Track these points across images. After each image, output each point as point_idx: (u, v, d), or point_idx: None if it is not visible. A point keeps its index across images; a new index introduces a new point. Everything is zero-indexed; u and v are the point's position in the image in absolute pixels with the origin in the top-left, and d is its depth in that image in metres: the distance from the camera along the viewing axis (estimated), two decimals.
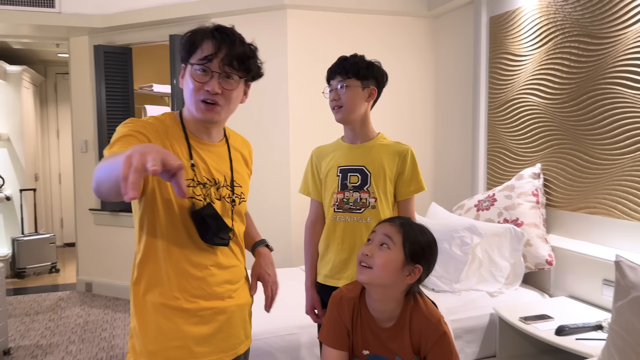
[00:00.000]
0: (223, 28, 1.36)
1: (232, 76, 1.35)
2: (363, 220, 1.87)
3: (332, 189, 1.91)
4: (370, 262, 1.41)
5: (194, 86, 1.33)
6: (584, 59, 2.71)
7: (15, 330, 3.90)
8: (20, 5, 4.18)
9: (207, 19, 4.01)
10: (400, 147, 1.91)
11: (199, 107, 1.35)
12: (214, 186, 1.40)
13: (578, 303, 2.58)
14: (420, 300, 1.48)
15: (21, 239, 5.52)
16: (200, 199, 1.36)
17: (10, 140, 5.79)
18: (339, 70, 1.86)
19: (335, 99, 1.86)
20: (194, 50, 1.34)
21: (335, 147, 1.98)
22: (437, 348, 1.41)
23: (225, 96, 1.35)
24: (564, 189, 2.87)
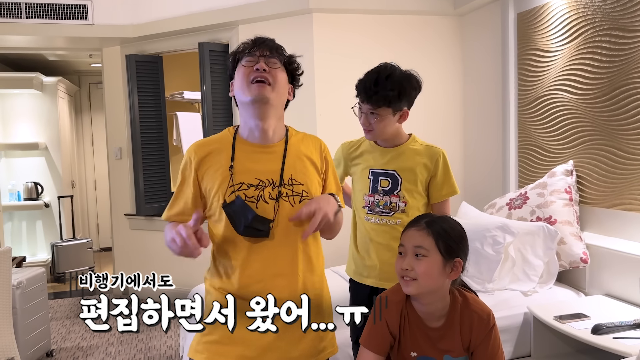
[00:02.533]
0: (256, 37, 1.56)
1: (273, 58, 1.51)
2: (393, 222, 1.91)
3: (363, 190, 1.95)
4: (413, 275, 1.42)
5: (244, 72, 1.49)
6: (616, 53, 2.67)
7: (57, 333, 4.03)
8: (55, 18, 4.32)
9: (234, 26, 4.08)
10: (432, 151, 1.93)
11: (250, 87, 1.47)
12: (269, 186, 1.47)
13: (615, 301, 2.54)
14: (468, 295, 1.50)
15: (60, 245, 5.69)
16: (253, 200, 1.46)
17: (48, 149, 5.99)
18: (369, 100, 1.85)
19: (366, 124, 1.90)
20: (239, 56, 1.53)
21: (367, 147, 2.00)
22: (486, 341, 1.44)
23: (272, 75, 1.49)
24: (598, 186, 2.82)
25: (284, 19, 3.87)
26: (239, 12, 3.97)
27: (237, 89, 1.51)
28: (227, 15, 4.03)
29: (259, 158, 1.51)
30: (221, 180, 1.48)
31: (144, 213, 4.71)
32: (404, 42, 3.94)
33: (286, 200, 1.48)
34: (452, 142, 4.07)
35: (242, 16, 3.97)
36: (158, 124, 4.72)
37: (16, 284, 3.11)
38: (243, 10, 3.95)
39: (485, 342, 1.45)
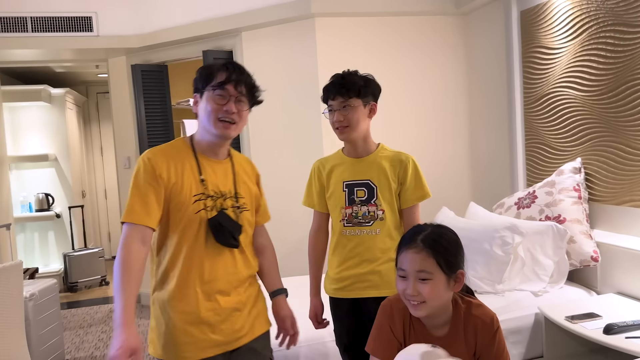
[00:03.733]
0: (233, 62, 1.67)
1: (243, 99, 1.64)
2: (373, 232, 1.92)
3: (339, 204, 1.95)
4: (420, 299, 1.40)
5: (212, 108, 1.60)
6: (621, 48, 2.64)
7: (70, 343, 4.06)
8: (60, 31, 4.37)
9: (238, 33, 4.09)
10: (401, 157, 1.96)
11: (217, 125, 1.61)
12: (221, 198, 1.65)
13: (627, 300, 2.51)
14: (471, 301, 1.50)
15: (72, 254, 5.74)
16: (208, 209, 1.61)
17: (58, 160, 6.04)
18: (339, 91, 1.89)
19: (340, 120, 1.90)
20: (211, 80, 1.61)
21: (338, 161, 2.01)
22: (491, 344, 1.45)
23: (239, 115, 1.63)
24: (607, 183, 2.80)
25: (287, 25, 3.88)
26: (241, 19, 3.99)
27: (203, 116, 1.63)
28: (230, 23, 4.04)
29: (216, 173, 1.66)
30: (187, 191, 1.60)
31: None
32: (408, 44, 3.93)
33: (234, 211, 1.66)
34: (459, 142, 4.05)
35: (245, 23, 3.98)
36: (165, 132, 4.75)
37: (28, 296, 3.14)
38: (246, 18, 3.97)
39: (490, 346, 1.46)
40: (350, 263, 1.94)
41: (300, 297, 2.20)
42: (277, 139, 3.98)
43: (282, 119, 3.90)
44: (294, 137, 3.90)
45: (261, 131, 4.00)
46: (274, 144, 4.01)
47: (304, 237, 2.21)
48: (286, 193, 3.96)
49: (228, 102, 1.60)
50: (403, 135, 3.93)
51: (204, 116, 1.63)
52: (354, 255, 1.93)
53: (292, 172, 3.93)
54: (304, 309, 2.06)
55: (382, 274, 1.90)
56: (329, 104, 1.94)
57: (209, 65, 1.67)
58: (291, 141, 3.91)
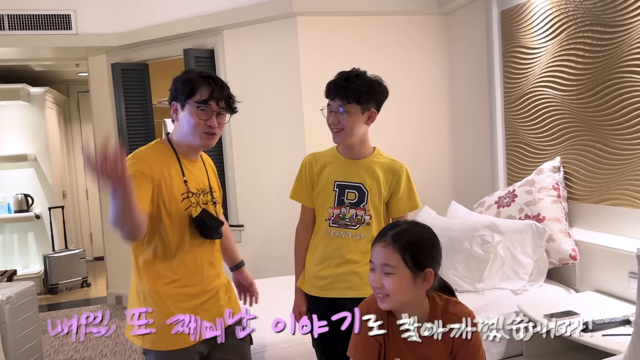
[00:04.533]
0: (213, 76, 1.76)
1: (223, 112, 1.75)
2: (357, 236, 1.90)
3: (327, 203, 1.93)
4: (384, 292, 1.44)
5: (196, 122, 1.71)
6: (598, 48, 2.66)
7: (50, 346, 4.01)
8: (38, 29, 4.30)
9: (219, 31, 4.06)
10: (396, 166, 1.95)
11: (202, 137, 1.73)
12: (202, 194, 1.79)
13: (605, 297, 2.53)
14: (449, 299, 1.52)
15: (52, 256, 5.66)
16: (194, 206, 1.74)
17: (37, 160, 5.95)
18: (338, 94, 1.85)
19: (335, 123, 1.87)
20: (193, 93, 1.70)
21: (331, 159, 1.98)
22: (468, 342, 1.45)
23: (220, 127, 1.76)
24: (585, 182, 2.82)
25: (269, 24, 3.86)
26: (223, 17, 3.96)
27: (186, 127, 1.72)
28: (211, 21, 4.01)
29: (194, 171, 1.79)
30: (173, 190, 1.71)
31: None
32: (390, 43, 3.93)
33: (211, 204, 1.81)
34: (441, 141, 4.07)
35: (226, 21, 3.95)
36: (146, 132, 4.70)
37: (5, 299, 3.08)
38: (227, 16, 3.94)
39: (467, 343, 1.46)
40: (331, 263, 1.92)
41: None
42: (259, 139, 3.96)
43: (264, 118, 3.87)
44: (276, 137, 3.88)
45: (243, 131, 3.97)
46: (256, 143, 3.99)
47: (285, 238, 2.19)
48: (268, 194, 3.94)
49: (211, 118, 1.71)
50: (385, 134, 3.92)
51: (186, 127, 1.73)
52: (335, 256, 1.92)
53: (274, 172, 3.91)
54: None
55: (362, 275, 1.89)
56: (328, 102, 1.91)
57: (190, 79, 1.72)
58: (273, 141, 3.89)
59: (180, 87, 1.73)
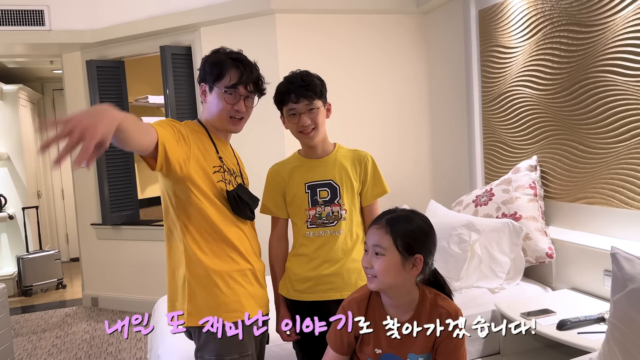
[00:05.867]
0: (242, 57, 1.72)
1: (252, 95, 1.75)
2: (337, 232, 1.89)
3: (302, 206, 1.90)
4: (373, 272, 1.48)
5: (224, 106, 1.70)
6: (574, 47, 2.68)
7: (22, 350, 3.91)
8: (11, 25, 4.19)
9: (197, 28, 4.01)
10: (360, 154, 1.95)
11: (229, 122, 1.74)
12: (234, 175, 1.77)
13: (580, 295, 2.55)
14: (439, 294, 1.56)
15: (26, 257, 5.54)
16: (227, 182, 1.71)
17: (10, 159, 5.82)
18: (303, 94, 1.82)
19: (308, 124, 1.84)
20: (222, 77, 1.68)
21: (296, 163, 1.96)
22: (450, 337, 1.48)
23: (248, 111, 1.76)
24: (562, 180, 2.84)
25: (246, 20, 3.82)
26: (200, 14, 3.91)
27: (214, 110, 1.71)
28: (188, 18, 3.96)
29: (225, 152, 1.79)
30: (207, 161, 1.68)
31: (111, 222, 4.60)
32: (368, 41, 3.92)
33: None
34: (420, 140, 4.07)
35: (203, 18, 3.90)
36: None
37: None
38: (204, 13, 3.89)
39: (449, 338, 1.49)
40: (312, 264, 1.90)
41: None
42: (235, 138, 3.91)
43: None
44: (253, 136, 3.84)
45: None
46: (232, 142, 3.93)
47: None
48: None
49: (239, 102, 1.71)
50: (363, 134, 3.92)
51: (214, 111, 1.72)
52: (316, 257, 1.90)
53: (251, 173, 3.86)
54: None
55: (344, 276, 1.88)
56: (291, 107, 1.85)
57: (218, 62, 1.69)
58: (251, 140, 3.85)
59: (209, 70, 1.70)
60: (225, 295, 1.66)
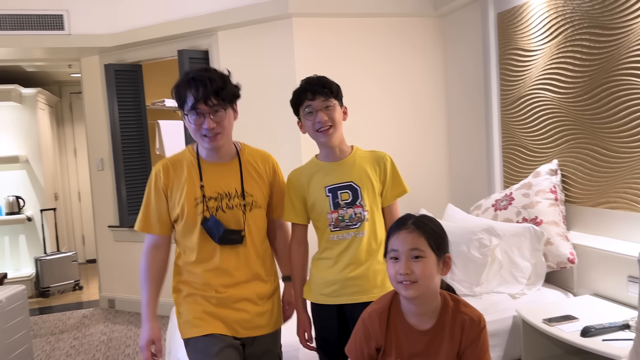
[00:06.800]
0: (197, 74, 1.71)
1: (218, 109, 1.71)
2: (360, 234, 1.88)
3: (324, 210, 1.90)
4: (413, 278, 1.44)
5: (194, 127, 1.72)
6: (596, 51, 2.65)
7: (41, 350, 3.95)
8: (31, 29, 4.24)
9: (214, 32, 4.03)
10: (379, 155, 1.96)
11: (203, 140, 1.74)
12: (226, 198, 1.77)
13: (603, 301, 2.52)
14: (459, 299, 1.53)
15: (44, 259, 5.60)
16: (212, 210, 1.75)
17: (29, 162, 5.89)
18: (320, 91, 1.85)
19: (325, 120, 1.85)
20: (183, 102, 1.71)
21: (315, 168, 1.96)
22: (476, 342, 1.46)
23: (220, 125, 1.72)
24: (583, 185, 2.81)
25: (264, 25, 3.83)
26: (217, 18, 3.93)
27: (191, 133, 1.75)
28: (206, 22, 3.98)
29: (218, 175, 1.79)
30: (187, 195, 1.76)
31: (128, 224, 4.63)
32: (386, 45, 3.91)
33: (240, 209, 1.79)
34: (437, 143, 4.05)
35: (221, 22, 3.92)
36: (139, 134, 4.66)
37: None
38: (222, 17, 3.90)
39: (475, 344, 1.47)
40: (337, 267, 1.89)
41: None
42: (253, 140, 3.91)
43: (259, 119, 3.84)
44: (270, 138, 3.84)
45: (236, 132, 3.93)
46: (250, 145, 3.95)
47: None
48: None
49: (205, 120, 1.69)
50: (381, 137, 3.91)
51: (191, 133, 1.76)
52: (340, 259, 1.89)
53: None
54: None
55: (370, 278, 1.87)
56: (308, 104, 1.87)
57: (177, 86, 1.73)
58: (268, 142, 3.85)
59: (174, 97, 1.74)
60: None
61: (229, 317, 1.77)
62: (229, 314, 1.77)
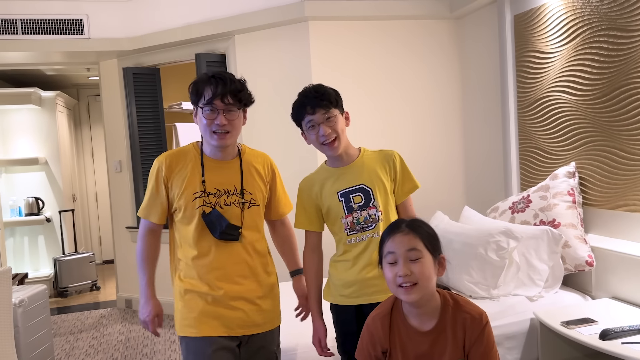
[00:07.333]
0: (219, 74, 1.79)
1: (232, 108, 1.78)
2: (377, 235, 1.89)
3: (338, 215, 1.92)
4: (413, 279, 1.44)
5: (206, 122, 1.78)
6: (614, 53, 2.64)
7: (60, 349, 4.01)
8: (51, 33, 4.32)
9: (231, 36, 4.07)
10: (387, 153, 1.97)
11: (212, 137, 1.79)
12: (224, 195, 1.83)
13: (622, 304, 2.50)
14: (459, 298, 1.54)
15: (62, 259, 5.68)
16: (210, 206, 1.80)
17: (48, 164, 5.98)
18: (319, 104, 1.85)
19: (328, 132, 1.86)
20: (200, 96, 1.77)
21: (325, 174, 1.98)
22: (480, 339, 1.47)
23: (231, 124, 1.79)
24: (601, 187, 2.80)
25: (280, 28, 3.86)
26: (234, 22, 3.97)
27: (201, 128, 1.81)
28: (223, 26, 4.02)
29: (219, 172, 1.84)
30: (187, 188, 1.81)
31: None
32: (401, 48, 3.92)
33: (237, 206, 1.84)
34: (453, 146, 4.05)
35: (238, 26, 3.96)
36: (157, 136, 4.71)
37: (18, 302, 3.09)
38: (239, 21, 3.94)
39: (479, 341, 1.47)
40: (356, 269, 1.92)
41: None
42: (269, 144, 3.96)
43: (275, 123, 3.87)
44: (287, 142, 3.87)
45: (252, 135, 3.97)
46: (266, 149, 3.97)
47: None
48: None
49: (218, 116, 1.76)
50: (397, 139, 3.92)
51: (201, 129, 1.81)
52: (358, 261, 1.91)
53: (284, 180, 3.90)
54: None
55: None
56: (309, 119, 1.88)
57: (196, 82, 1.80)
58: (284, 147, 3.88)
59: (191, 93, 1.81)
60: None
61: (225, 315, 1.80)
62: (225, 313, 1.80)
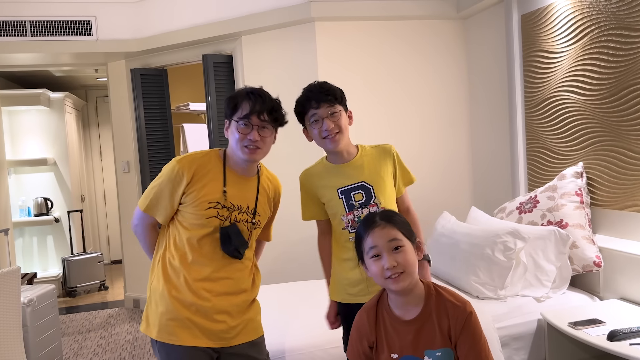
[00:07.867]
0: (258, 91, 1.80)
1: (267, 126, 1.80)
2: None
3: (339, 212, 1.93)
4: (400, 269, 1.47)
5: (239, 136, 1.77)
6: (622, 52, 2.63)
7: (69, 349, 4.04)
8: (60, 35, 4.36)
9: (238, 37, 4.08)
10: (384, 148, 1.99)
11: (244, 151, 1.78)
12: (236, 210, 1.80)
13: (630, 305, 2.49)
14: (444, 288, 1.57)
15: (71, 259, 5.72)
16: (222, 218, 1.77)
17: (57, 164, 6.03)
18: (324, 98, 1.87)
19: (332, 127, 1.87)
20: (236, 110, 1.78)
21: (325, 170, 1.99)
22: (466, 329, 1.48)
23: (263, 141, 1.80)
24: (609, 187, 2.78)
25: (287, 29, 3.87)
26: (241, 23, 3.98)
27: (232, 141, 1.80)
28: (230, 27, 4.03)
29: (238, 187, 1.82)
30: (204, 195, 1.76)
31: None
32: (408, 48, 3.92)
33: (246, 225, 1.83)
34: (460, 146, 4.04)
35: (245, 27, 3.97)
36: (165, 137, 4.73)
37: (26, 301, 3.11)
38: (246, 21, 3.96)
39: (465, 331, 1.48)
40: (360, 268, 1.91)
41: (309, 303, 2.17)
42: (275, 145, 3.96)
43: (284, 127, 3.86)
44: (293, 143, 3.88)
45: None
46: (272, 149, 3.98)
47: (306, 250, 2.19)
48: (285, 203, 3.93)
49: (252, 131, 1.77)
50: (404, 139, 3.91)
51: (232, 141, 1.80)
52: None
53: (292, 180, 3.91)
54: (313, 315, 2.04)
55: None
56: (313, 113, 1.90)
57: (234, 96, 1.82)
58: (290, 147, 3.89)
59: (227, 105, 1.82)
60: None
61: (207, 327, 1.76)
62: (206, 324, 1.75)
